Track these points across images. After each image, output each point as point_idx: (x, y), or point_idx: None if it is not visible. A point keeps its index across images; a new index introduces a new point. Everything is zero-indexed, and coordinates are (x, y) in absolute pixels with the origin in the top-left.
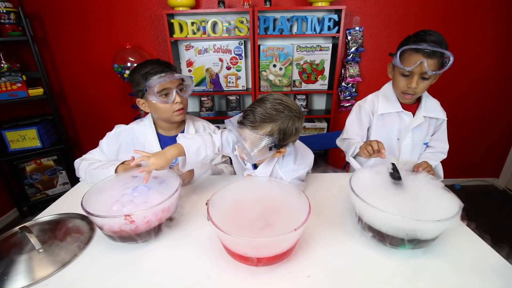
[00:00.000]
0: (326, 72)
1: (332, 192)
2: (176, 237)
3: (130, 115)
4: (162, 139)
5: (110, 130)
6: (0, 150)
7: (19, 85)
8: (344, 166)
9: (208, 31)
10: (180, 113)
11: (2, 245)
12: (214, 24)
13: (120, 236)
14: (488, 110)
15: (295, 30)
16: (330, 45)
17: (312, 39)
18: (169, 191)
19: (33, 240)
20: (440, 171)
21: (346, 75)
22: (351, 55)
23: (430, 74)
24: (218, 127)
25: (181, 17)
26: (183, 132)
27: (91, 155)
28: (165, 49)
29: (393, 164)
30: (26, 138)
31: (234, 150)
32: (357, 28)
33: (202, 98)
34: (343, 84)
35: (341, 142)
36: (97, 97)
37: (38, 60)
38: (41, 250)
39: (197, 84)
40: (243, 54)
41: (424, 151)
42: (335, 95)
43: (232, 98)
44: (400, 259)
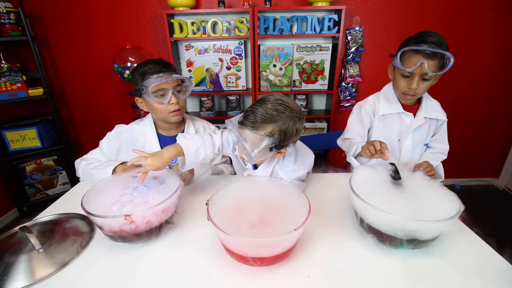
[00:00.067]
0: (326, 72)
1: (332, 192)
2: (176, 237)
3: (130, 115)
4: (162, 139)
5: (110, 130)
6: (0, 150)
7: (19, 85)
8: (344, 166)
9: (208, 31)
10: (176, 114)
11: (2, 245)
12: (214, 24)
13: (120, 236)
14: (488, 110)
15: (295, 30)
16: (330, 45)
17: (312, 39)
18: (169, 191)
19: (33, 240)
20: (441, 171)
21: (346, 75)
22: (351, 55)
23: (431, 75)
24: (218, 127)
25: (181, 17)
26: (183, 132)
27: (92, 155)
28: (165, 49)
29: (393, 165)
30: (26, 138)
31: (235, 150)
32: (357, 28)
33: (202, 98)
34: (343, 84)
35: (342, 142)
36: (97, 97)
37: (38, 60)
38: (41, 250)
39: (197, 84)
40: (243, 54)
41: (425, 152)
42: (335, 95)
43: (232, 98)
44: (400, 259)
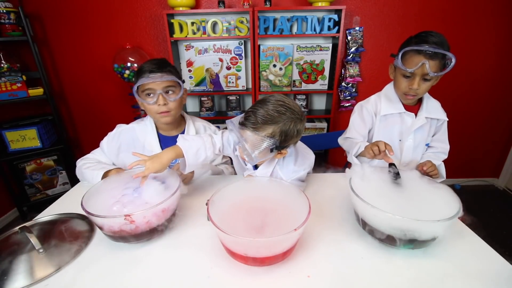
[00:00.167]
0: (326, 72)
1: (332, 192)
2: (176, 237)
3: (130, 115)
4: (163, 139)
5: (110, 130)
6: (0, 150)
7: (19, 85)
8: (345, 166)
9: (208, 31)
10: (164, 116)
11: (2, 245)
12: (214, 24)
13: (120, 236)
14: (488, 110)
15: (295, 30)
16: (330, 45)
17: (312, 39)
18: (169, 191)
19: (33, 240)
20: (443, 171)
21: (346, 75)
22: (351, 55)
23: (432, 76)
24: (218, 127)
25: (181, 17)
26: (183, 133)
27: (93, 155)
28: (165, 49)
29: (392, 164)
30: (26, 138)
31: (235, 151)
32: (357, 28)
33: (202, 98)
34: (343, 84)
35: (343, 141)
36: (97, 97)
37: (38, 60)
38: (41, 250)
39: (197, 84)
40: (243, 54)
41: (426, 152)
42: (335, 95)
43: (232, 98)
44: (400, 259)
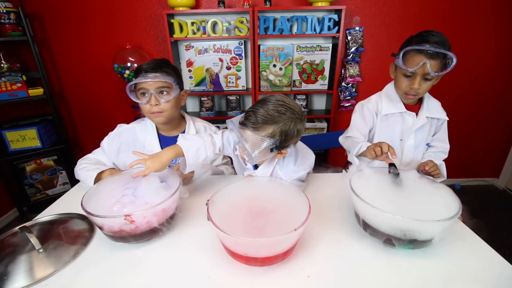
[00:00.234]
0: (326, 72)
1: (332, 192)
2: (176, 237)
3: (130, 115)
4: (163, 139)
5: (110, 130)
6: (0, 150)
7: (19, 85)
8: (345, 166)
9: (208, 31)
10: (156, 116)
11: (2, 245)
12: (214, 24)
13: (120, 236)
14: (488, 110)
15: (295, 30)
16: (330, 45)
17: (312, 39)
18: (169, 191)
19: (33, 240)
20: (444, 170)
21: (346, 75)
22: (351, 55)
23: (433, 75)
24: (218, 127)
25: (181, 17)
26: (184, 133)
27: (94, 155)
28: (165, 49)
29: (392, 165)
30: (26, 138)
31: (235, 150)
32: (357, 28)
33: (202, 98)
34: (343, 84)
35: (344, 140)
36: (97, 97)
37: (38, 60)
38: (41, 250)
39: (197, 84)
40: (243, 54)
41: (426, 151)
42: (335, 95)
43: (232, 98)
44: (400, 259)
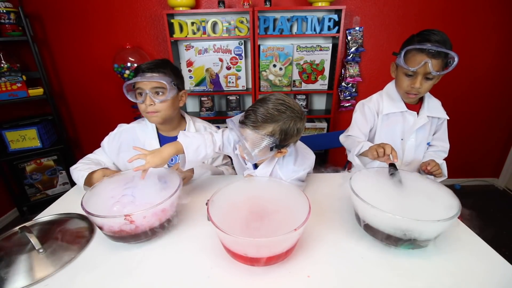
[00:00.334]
0: (326, 72)
1: (332, 192)
2: (176, 237)
3: (130, 115)
4: (163, 140)
5: (110, 130)
6: (0, 150)
7: (19, 85)
8: (345, 166)
9: (208, 31)
10: (151, 116)
11: (2, 245)
12: (214, 24)
13: (120, 236)
14: (488, 110)
15: (295, 30)
16: (330, 45)
17: (312, 39)
18: (169, 191)
19: (33, 240)
20: (445, 170)
21: (346, 75)
22: (351, 55)
23: (434, 75)
24: (218, 127)
25: (181, 17)
26: None
27: (95, 155)
28: (165, 49)
29: (392, 165)
30: (26, 138)
31: (235, 149)
32: (357, 28)
33: (202, 98)
34: (343, 84)
35: (345, 139)
36: (97, 97)
37: (38, 60)
38: (41, 250)
39: (197, 84)
40: (243, 54)
41: (427, 150)
42: (335, 95)
43: (232, 98)
44: (400, 259)
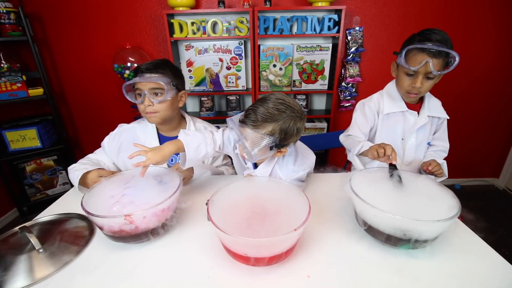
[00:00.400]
0: (326, 72)
1: (332, 192)
2: (176, 237)
3: (130, 115)
4: (163, 140)
5: (110, 130)
6: (0, 150)
7: (19, 85)
8: (344, 166)
9: (208, 31)
10: (150, 116)
11: (2, 245)
12: (214, 24)
13: (120, 236)
14: (488, 110)
15: (295, 30)
16: (330, 45)
17: (312, 39)
18: (169, 191)
19: (33, 240)
20: (446, 169)
21: (346, 75)
22: (351, 55)
23: (435, 74)
24: (218, 127)
25: (181, 17)
26: None
27: (95, 155)
28: (165, 49)
29: (392, 165)
30: (26, 138)
31: (235, 149)
32: (357, 28)
33: (202, 98)
34: (343, 84)
35: (345, 138)
36: (97, 97)
37: (38, 60)
38: (41, 250)
39: (197, 84)
40: (243, 54)
41: (427, 150)
42: (335, 95)
43: (232, 98)
44: (400, 259)
